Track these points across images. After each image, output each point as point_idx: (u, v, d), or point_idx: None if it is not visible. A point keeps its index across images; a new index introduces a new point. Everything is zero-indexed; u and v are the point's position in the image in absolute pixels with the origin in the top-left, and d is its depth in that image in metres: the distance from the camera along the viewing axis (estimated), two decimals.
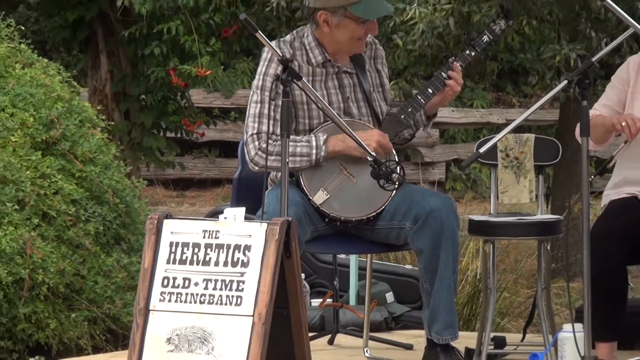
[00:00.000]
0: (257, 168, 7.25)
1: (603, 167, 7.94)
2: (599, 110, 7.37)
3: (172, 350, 5.85)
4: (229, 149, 17.71)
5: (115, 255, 9.69)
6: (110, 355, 8.24)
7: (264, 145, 7.17)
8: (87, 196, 9.74)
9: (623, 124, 7.19)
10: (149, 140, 15.37)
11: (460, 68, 7.53)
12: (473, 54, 7.75)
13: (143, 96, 15.38)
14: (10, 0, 16.62)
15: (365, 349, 8.05)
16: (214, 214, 6.22)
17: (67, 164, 9.82)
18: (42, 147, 9.76)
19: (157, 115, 15.41)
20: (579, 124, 6.99)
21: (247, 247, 5.87)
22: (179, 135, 15.88)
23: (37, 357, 8.86)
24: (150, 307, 5.92)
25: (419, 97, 7.56)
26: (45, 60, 11.06)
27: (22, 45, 10.82)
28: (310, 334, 6.41)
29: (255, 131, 7.27)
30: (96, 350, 9.12)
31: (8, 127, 9.62)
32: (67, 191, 9.58)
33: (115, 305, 9.43)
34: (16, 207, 9.16)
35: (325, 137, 7.30)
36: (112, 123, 13.33)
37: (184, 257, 5.95)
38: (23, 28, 11.55)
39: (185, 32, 13.83)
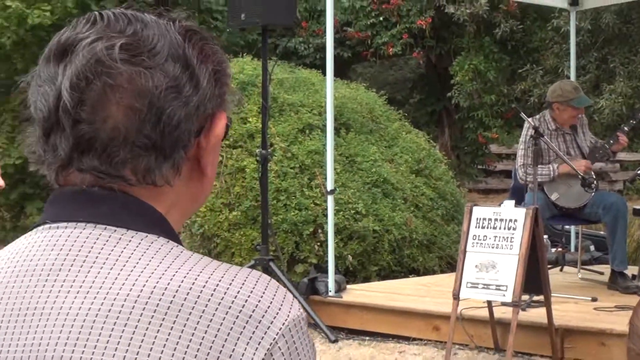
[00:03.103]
0: (522, 182, 7.14)
1: None
2: None
3: (478, 271, 5.80)
4: (508, 173, 17.39)
5: (452, 226, 9.65)
6: (448, 275, 8.17)
7: (525, 171, 7.09)
8: (436, 196, 9.73)
9: None
10: (469, 170, 15.28)
11: (625, 132, 7.33)
12: (634, 122, 7.51)
13: (466, 148, 15.31)
14: (402, 102, 16.76)
15: (578, 273, 7.79)
16: (500, 205, 6.16)
17: (427, 181, 9.82)
18: (415, 172, 9.79)
19: (472, 158, 15.31)
20: None
21: (516, 220, 5.77)
22: (484, 167, 15.74)
23: (412, 275, 8.86)
24: (467, 250, 5.88)
25: (606, 145, 7.33)
26: (417, 130, 11.11)
27: (406, 123, 10.89)
28: (548, 266, 6.26)
29: (521, 163, 7.14)
30: (442, 272, 9.08)
31: (399, 162, 9.69)
32: (427, 194, 9.59)
33: (451, 248, 9.36)
34: (402, 201, 9.23)
35: (557, 165, 7.14)
36: (450, 160, 13.29)
37: (483, 225, 5.88)
38: (406, 115, 11.62)
39: (488, 115, 13.74)
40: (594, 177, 7.22)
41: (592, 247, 9.11)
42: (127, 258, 1.05)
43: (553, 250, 8.61)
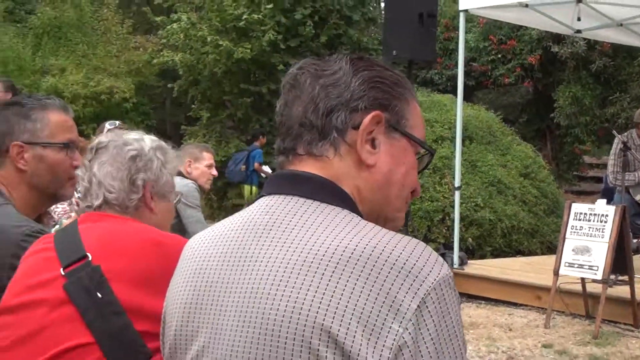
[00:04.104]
0: (612, 185, 6.79)
1: None
2: None
3: (574, 254, 5.56)
4: (598, 179, 16.58)
5: (552, 218, 9.23)
6: (548, 257, 7.82)
7: (615, 177, 6.73)
8: (540, 195, 9.35)
9: None
10: (566, 175, 14.67)
11: None
12: None
13: (564, 158, 14.70)
14: (513, 121, 16.23)
15: None
16: (594, 203, 5.89)
17: (533, 182, 9.46)
18: (523, 175, 9.45)
19: (569, 166, 14.69)
20: None
21: (607, 215, 5.50)
22: (578, 173, 15.07)
23: (519, 256, 8.55)
24: (566, 237, 5.65)
25: None
26: (525, 143, 10.67)
27: (517, 138, 10.50)
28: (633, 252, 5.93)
29: (612, 170, 6.80)
30: (542, 254, 8.69)
31: (511, 167, 9.36)
32: (533, 193, 9.22)
33: (550, 236, 8.96)
34: (512, 197, 8.91)
35: None
36: (551, 167, 12.74)
37: (579, 218, 5.64)
38: (517, 131, 11.24)
39: (583, 132, 13.20)
40: None
41: None
42: (319, 223, 1.11)
43: (635, 240, 8.14)
